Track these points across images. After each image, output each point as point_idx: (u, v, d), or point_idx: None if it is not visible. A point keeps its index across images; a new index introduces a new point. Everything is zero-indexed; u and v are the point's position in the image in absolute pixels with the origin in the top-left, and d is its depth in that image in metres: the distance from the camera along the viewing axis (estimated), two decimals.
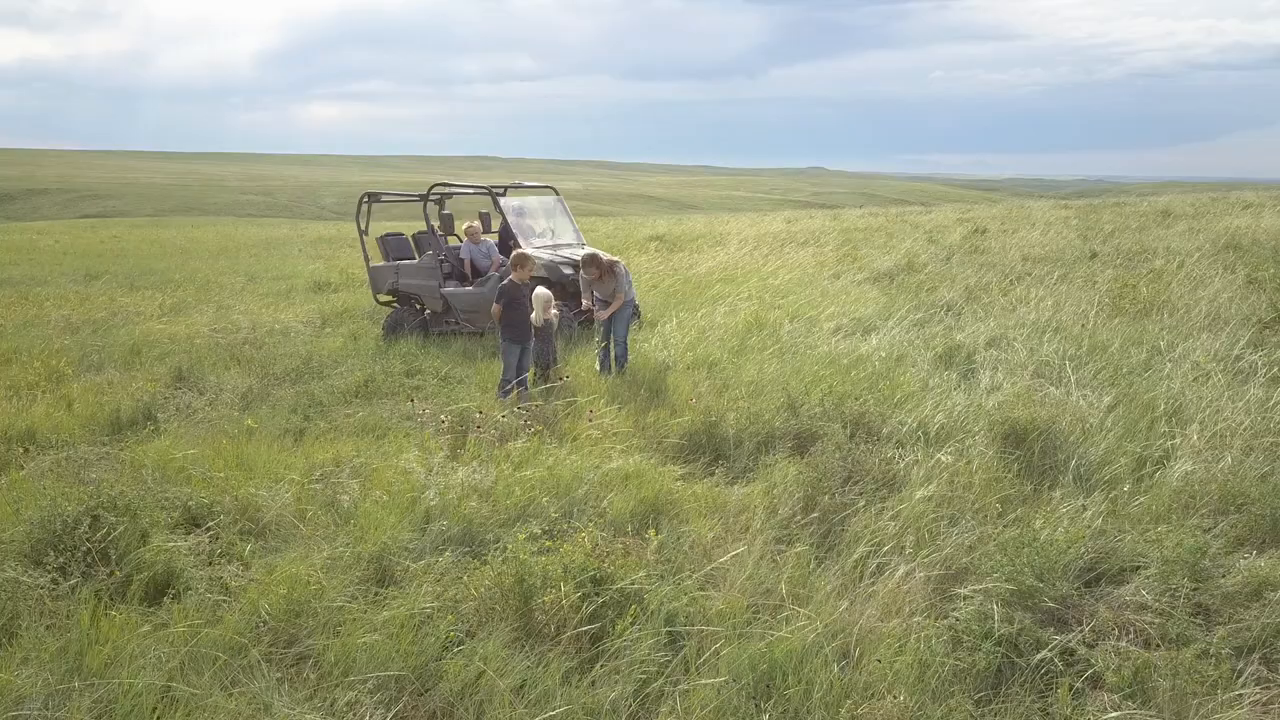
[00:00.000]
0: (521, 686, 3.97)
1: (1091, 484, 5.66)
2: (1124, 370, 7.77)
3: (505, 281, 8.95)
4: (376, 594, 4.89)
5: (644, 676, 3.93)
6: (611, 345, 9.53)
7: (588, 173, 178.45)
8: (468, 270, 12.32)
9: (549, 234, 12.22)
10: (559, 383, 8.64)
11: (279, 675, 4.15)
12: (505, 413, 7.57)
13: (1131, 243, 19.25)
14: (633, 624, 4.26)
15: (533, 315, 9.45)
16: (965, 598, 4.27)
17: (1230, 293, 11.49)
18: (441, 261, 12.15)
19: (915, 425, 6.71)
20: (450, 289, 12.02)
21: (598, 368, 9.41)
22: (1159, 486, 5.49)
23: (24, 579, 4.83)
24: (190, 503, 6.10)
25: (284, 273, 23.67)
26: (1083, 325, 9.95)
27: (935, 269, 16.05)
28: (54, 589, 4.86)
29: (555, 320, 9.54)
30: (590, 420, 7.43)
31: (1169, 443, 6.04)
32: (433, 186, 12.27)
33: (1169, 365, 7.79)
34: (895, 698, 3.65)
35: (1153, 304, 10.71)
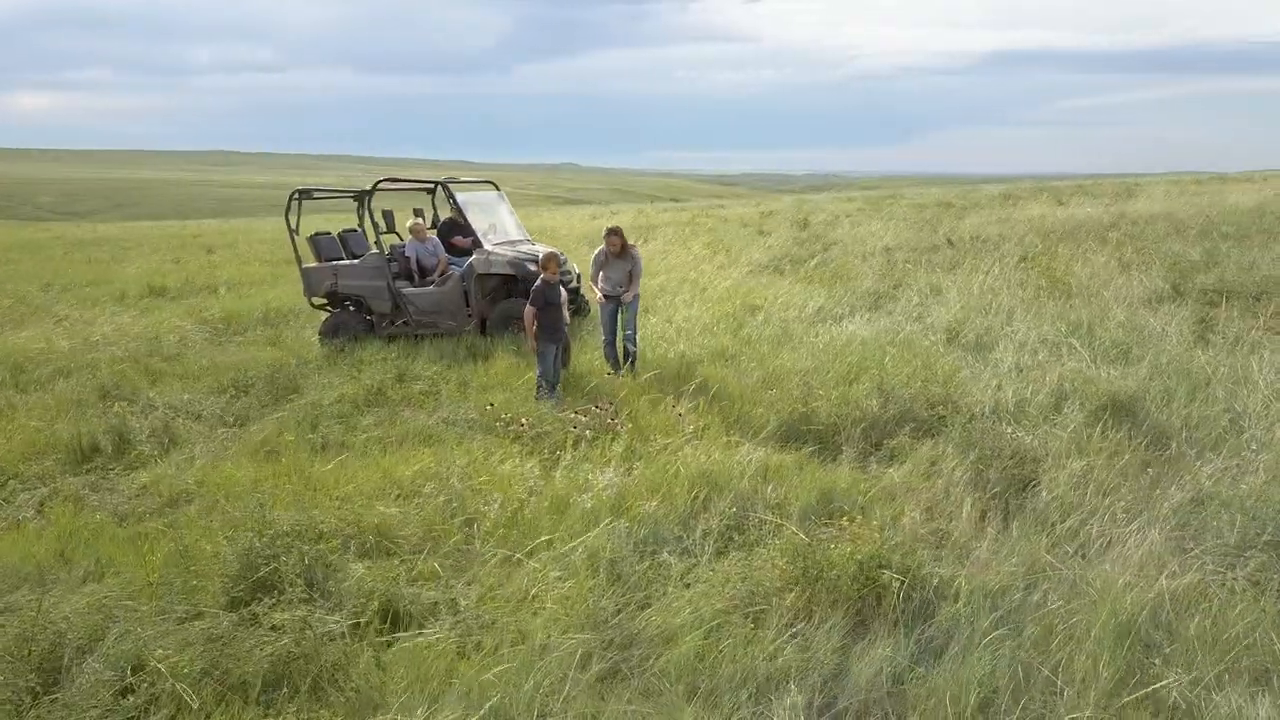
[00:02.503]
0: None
1: (1202, 445, 6.23)
2: (1123, 344, 8.54)
3: (539, 283, 8.65)
4: (645, 599, 4.70)
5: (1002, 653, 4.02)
6: (619, 338, 9.33)
7: (343, 168, 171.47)
8: (414, 269, 11.72)
9: (499, 231, 11.82)
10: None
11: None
12: (577, 412, 7.39)
13: (965, 230, 20.92)
14: (959, 603, 4.35)
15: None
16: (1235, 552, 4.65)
17: (1109, 273, 12.89)
18: (390, 261, 11.49)
19: (993, 404, 7.10)
20: (411, 289, 11.39)
21: (607, 362, 9.13)
22: None
23: (311, 621, 4.30)
24: (350, 527, 5.60)
25: (95, 279, 21.49)
26: (1035, 305, 10.82)
27: (821, 260, 16.81)
28: (306, 631, 4.35)
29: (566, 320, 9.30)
30: (680, 416, 7.36)
31: (1241, 404, 6.75)
32: (377, 182, 11.56)
33: (1156, 338, 8.65)
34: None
35: (1070, 286, 11.80)
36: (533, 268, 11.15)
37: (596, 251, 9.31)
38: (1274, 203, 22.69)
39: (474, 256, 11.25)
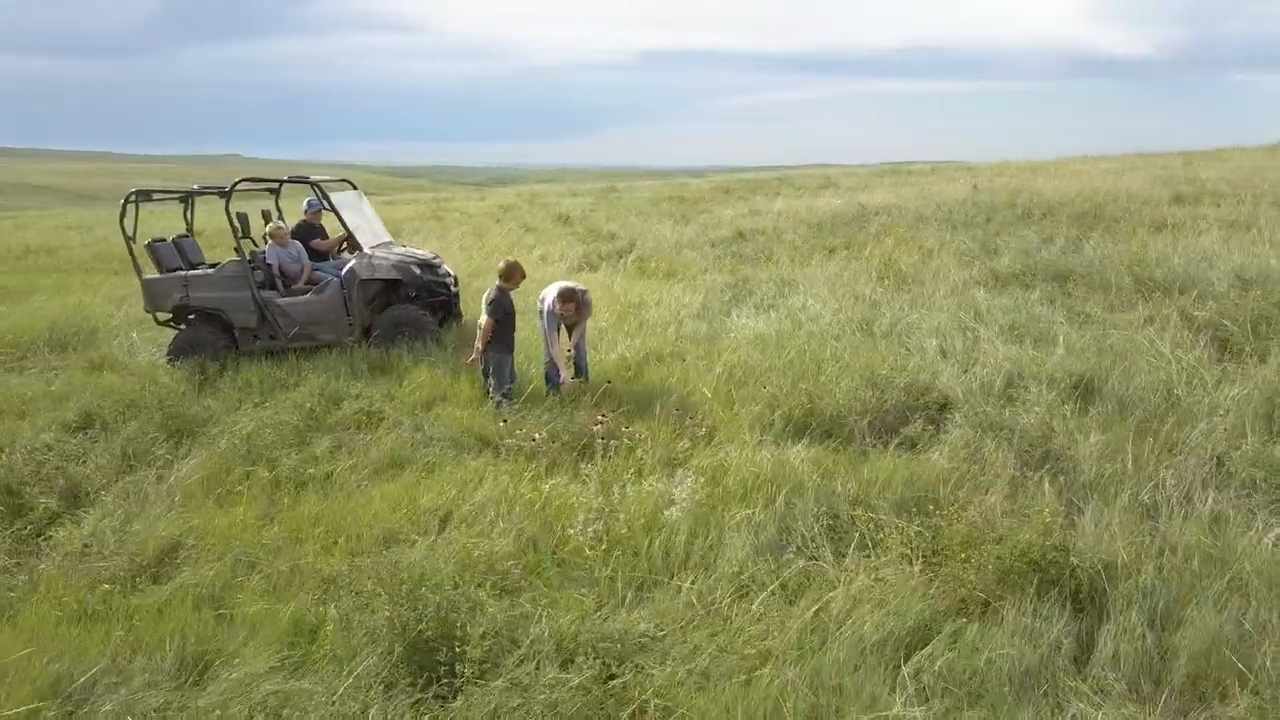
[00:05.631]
0: None
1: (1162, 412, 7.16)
2: (1019, 328, 9.56)
3: (498, 293, 8.23)
4: (842, 609, 4.77)
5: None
6: (563, 356, 8.87)
7: None
8: (278, 277, 10.65)
9: (370, 233, 11.01)
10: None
11: None
12: (598, 423, 7.19)
13: (732, 224, 22.04)
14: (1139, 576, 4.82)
15: (480, 319, 8.79)
16: None
17: (922, 261, 14.30)
18: (254, 269, 10.35)
19: (969, 389, 7.74)
20: (284, 299, 10.31)
21: (547, 384, 8.74)
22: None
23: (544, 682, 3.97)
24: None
25: None
26: (895, 295, 11.77)
27: (637, 256, 17.11)
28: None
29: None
30: (691, 421, 7.37)
31: (1164, 374, 7.83)
32: (236, 182, 10.32)
33: (1040, 320, 9.78)
34: None
35: (908, 275, 12.95)
36: (418, 271, 10.56)
37: (549, 311, 8.63)
38: (977, 195, 25.85)
39: (354, 261, 10.43)
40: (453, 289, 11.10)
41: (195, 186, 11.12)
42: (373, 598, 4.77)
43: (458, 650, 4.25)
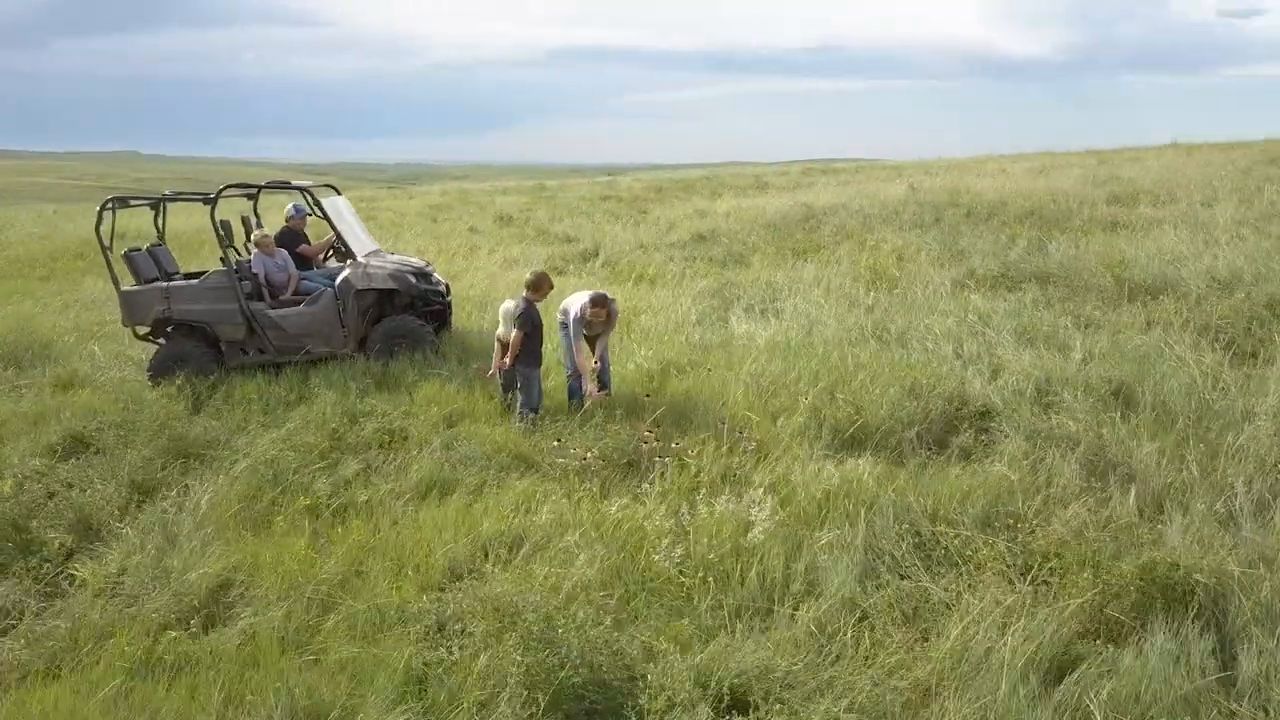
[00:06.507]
0: None
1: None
2: (1028, 332, 9.67)
3: (526, 304, 7.95)
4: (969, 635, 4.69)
5: None
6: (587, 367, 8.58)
7: None
8: (264, 287, 10.13)
9: (360, 240, 10.55)
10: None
11: None
12: (646, 441, 6.99)
13: (686, 225, 21.95)
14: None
15: (499, 331, 8.52)
16: None
17: (893, 263, 14.44)
18: (241, 280, 9.83)
19: (1008, 396, 7.78)
20: (279, 311, 9.79)
21: (570, 400, 8.46)
22: None
23: None
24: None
25: None
26: (874, 299, 11.83)
27: (607, 259, 16.88)
28: None
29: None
30: (740, 436, 7.23)
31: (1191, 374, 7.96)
32: (223, 188, 9.75)
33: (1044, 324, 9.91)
34: None
35: (893, 278, 13.05)
36: (414, 281, 10.18)
37: (575, 319, 8.27)
38: (915, 195, 26.20)
39: (348, 271, 9.98)
40: (445, 298, 10.74)
41: (167, 191, 10.51)
42: (492, 639, 4.51)
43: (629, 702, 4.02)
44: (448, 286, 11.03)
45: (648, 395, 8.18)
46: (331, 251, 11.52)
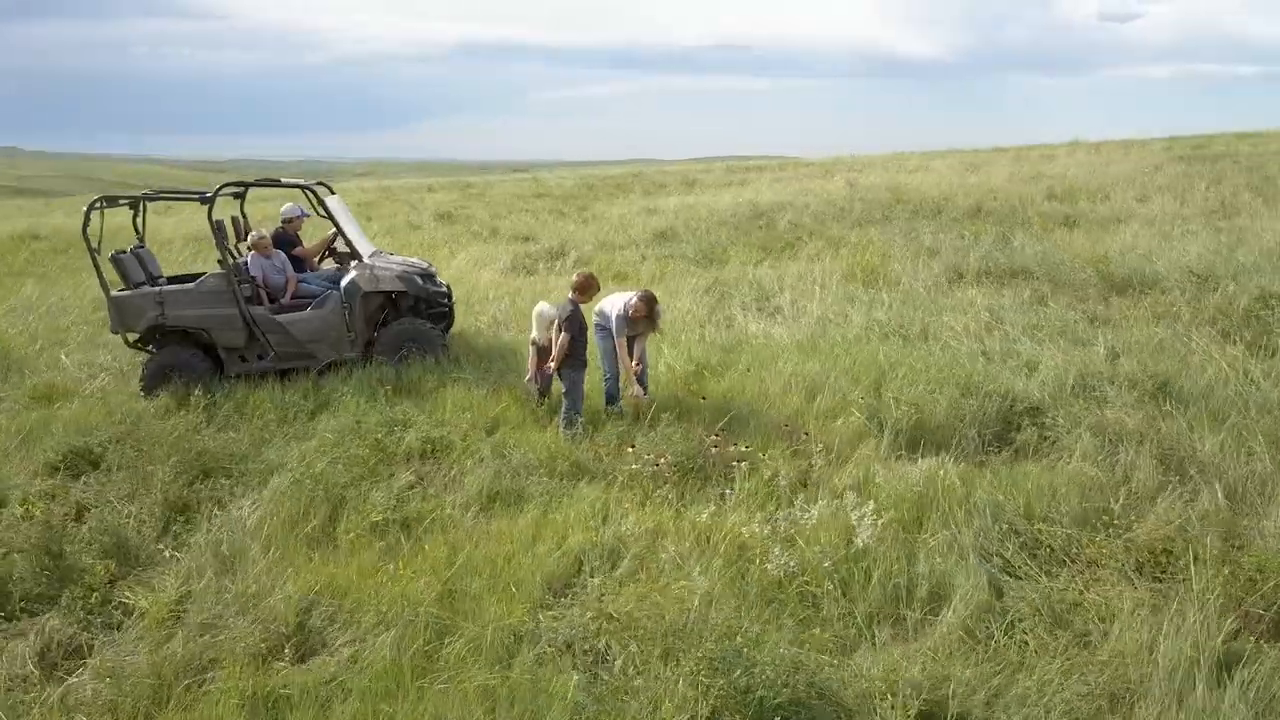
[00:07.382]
0: None
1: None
2: (1039, 327, 9.81)
3: (573, 307, 7.69)
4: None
5: None
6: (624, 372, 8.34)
7: None
8: (262, 290, 9.60)
9: (360, 241, 10.08)
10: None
11: None
12: (716, 447, 6.83)
13: (639, 224, 21.77)
14: None
15: (533, 334, 8.25)
16: None
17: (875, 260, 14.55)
18: (240, 283, 9.28)
19: (1054, 391, 7.85)
20: (284, 316, 9.27)
21: (610, 404, 8.25)
22: None
23: None
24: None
25: None
26: (871, 296, 11.89)
27: (579, 259, 16.60)
28: None
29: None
30: (805, 437, 7.13)
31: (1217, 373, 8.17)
32: (220, 187, 9.17)
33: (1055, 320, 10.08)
34: None
35: (876, 273, 13.15)
36: (421, 282, 9.79)
37: (617, 319, 8.08)
38: (856, 192, 26.51)
39: (354, 273, 9.53)
40: (449, 300, 10.37)
41: (148, 190, 9.88)
42: (654, 661, 4.29)
43: None
44: (450, 289, 10.65)
45: (703, 398, 8.01)
46: (328, 253, 11.03)
